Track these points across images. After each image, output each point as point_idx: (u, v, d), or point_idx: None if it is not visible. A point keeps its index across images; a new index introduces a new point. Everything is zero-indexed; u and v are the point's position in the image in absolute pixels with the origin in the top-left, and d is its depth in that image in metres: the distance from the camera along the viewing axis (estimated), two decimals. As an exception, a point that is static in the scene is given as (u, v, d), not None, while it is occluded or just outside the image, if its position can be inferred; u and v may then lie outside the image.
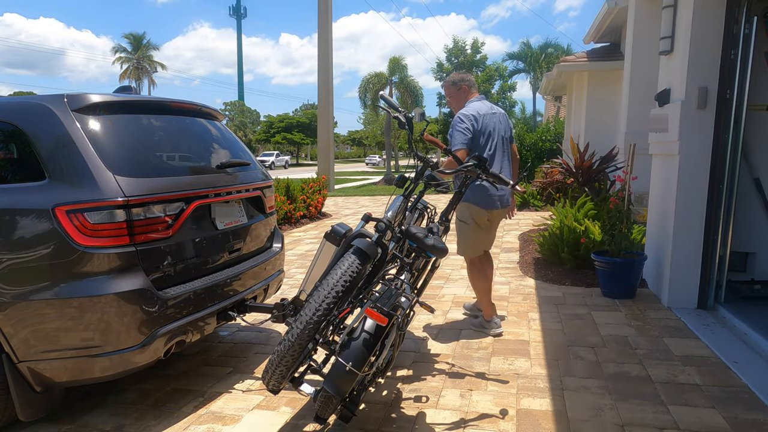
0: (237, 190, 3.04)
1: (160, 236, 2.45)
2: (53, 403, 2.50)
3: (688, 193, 3.85)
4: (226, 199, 2.94)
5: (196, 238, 2.70)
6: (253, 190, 3.20)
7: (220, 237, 2.87)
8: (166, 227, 2.49)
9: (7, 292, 2.24)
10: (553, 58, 31.73)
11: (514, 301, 4.29)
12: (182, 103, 3.07)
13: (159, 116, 2.84)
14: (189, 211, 2.61)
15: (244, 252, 3.10)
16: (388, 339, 2.18)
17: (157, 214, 2.45)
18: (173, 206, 2.54)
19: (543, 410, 2.51)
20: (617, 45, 10.88)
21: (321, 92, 18.08)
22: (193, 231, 2.69)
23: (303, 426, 2.46)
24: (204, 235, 2.76)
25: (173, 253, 2.54)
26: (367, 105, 28.12)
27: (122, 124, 2.59)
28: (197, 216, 2.72)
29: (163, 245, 2.48)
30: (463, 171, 2.88)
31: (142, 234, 2.37)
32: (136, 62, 45.68)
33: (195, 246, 2.69)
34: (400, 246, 2.65)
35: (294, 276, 5.39)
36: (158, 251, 2.45)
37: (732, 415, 2.40)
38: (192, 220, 2.67)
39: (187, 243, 2.64)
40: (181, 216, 2.57)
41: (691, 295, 3.92)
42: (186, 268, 2.63)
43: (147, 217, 2.39)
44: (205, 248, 2.76)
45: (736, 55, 3.62)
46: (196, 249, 2.70)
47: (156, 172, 2.55)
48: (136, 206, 2.33)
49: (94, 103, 2.49)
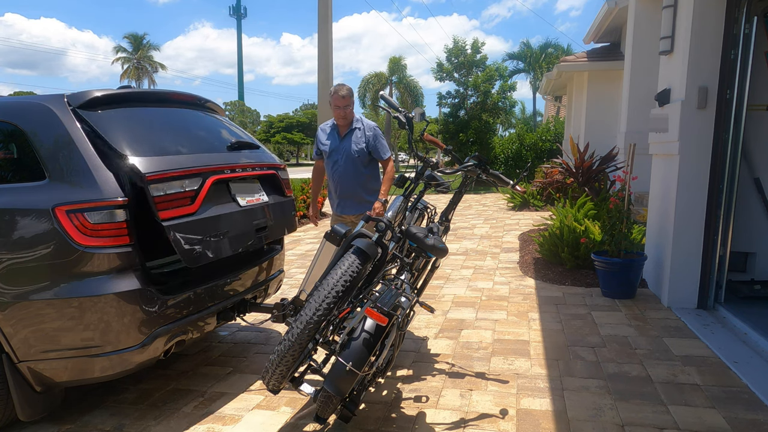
0: (251, 167, 3.04)
1: (185, 212, 2.45)
2: (53, 403, 2.50)
3: (688, 193, 3.85)
4: (241, 176, 2.92)
5: (222, 213, 2.68)
6: (267, 168, 3.20)
7: (245, 214, 2.86)
8: (188, 202, 2.47)
9: (7, 292, 2.24)
10: (553, 58, 31.78)
11: (514, 301, 4.29)
12: (182, 94, 3.12)
13: (161, 107, 2.90)
14: (208, 185, 2.60)
15: (271, 231, 3.06)
16: (388, 339, 2.19)
17: (176, 189, 2.44)
18: (191, 181, 2.53)
19: (543, 410, 2.51)
20: (617, 45, 10.88)
21: (321, 92, 18.05)
22: (218, 207, 2.68)
23: (303, 426, 2.46)
24: (229, 210, 2.74)
25: (203, 229, 2.52)
26: (367, 105, 28.13)
27: (127, 114, 2.63)
28: (217, 193, 2.71)
29: (191, 220, 2.47)
30: (463, 171, 2.89)
31: (166, 210, 2.36)
32: (136, 62, 45.69)
33: (223, 221, 2.67)
34: (400, 246, 2.66)
35: (294, 276, 5.39)
36: (187, 226, 2.44)
37: (732, 415, 2.40)
38: (213, 196, 2.66)
39: (215, 218, 2.62)
40: (201, 191, 2.56)
41: (691, 295, 3.92)
42: (219, 245, 2.61)
43: (167, 192, 2.38)
44: (234, 224, 2.74)
45: (736, 55, 3.62)
46: (225, 224, 2.68)
47: (168, 152, 2.56)
48: (153, 182, 2.32)
49: (96, 97, 2.51)
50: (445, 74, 17.57)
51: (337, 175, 3.65)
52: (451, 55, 17.45)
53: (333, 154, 3.65)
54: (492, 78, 16.96)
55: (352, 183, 3.65)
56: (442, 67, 17.60)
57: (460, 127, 16.82)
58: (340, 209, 3.74)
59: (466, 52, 17.34)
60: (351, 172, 3.64)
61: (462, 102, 17.40)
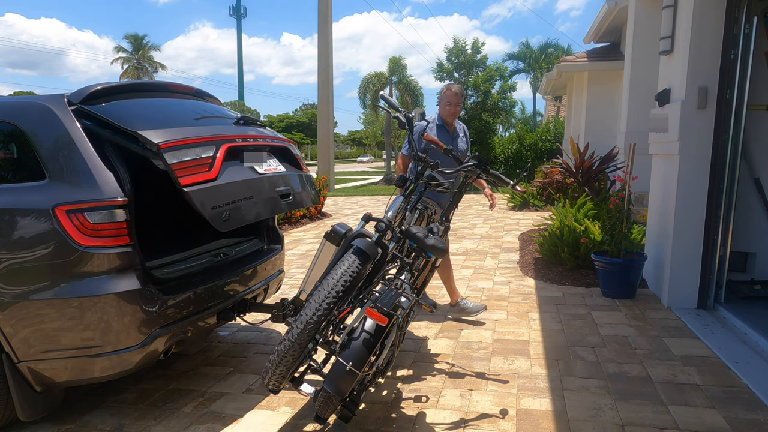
0: (262, 138, 3.02)
1: (205, 178, 2.42)
2: (53, 403, 2.50)
3: (688, 193, 3.85)
4: (254, 145, 2.89)
5: (243, 179, 2.66)
6: (278, 141, 3.18)
7: (265, 181, 2.83)
8: (207, 169, 2.45)
9: (7, 292, 2.24)
10: (553, 58, 31.79)
11: (514, 301, 4.29)
12: (181, 85, 3.16)
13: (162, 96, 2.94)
14: (222, 152, 2.57)
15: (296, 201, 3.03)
16: (388, 339, 2.19)
17: (191, 156, 2.41)
18: (204, 149, 2.50)
19: (543, 410, 2.51)
20: (617, 45, 10.88)
21: (321, 92, 18.08)
22: (237, 173, 2.66)
23: (303, 426, 2.46)
24: (249, 177, 2.72)
25: (227, 194, 2.50)
26: (367, 105, 28.11)
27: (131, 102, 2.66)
28: (234, 162, 2.69)
29: (213, 185, 2.45)
30: (463, 171, 2.88)
31: (186, 176, 2.33)
32: (136, 62, 45.68)
33: (246, 186, 2.65)
34: (400, 246, 2.66)
35: (294, 276, 5.39)
36: (211, 191, 2.42)
37: (732, 415, 2.40)
38: (230, 163, 2.63)
39: (237, 184, 2.60)
40: (217, 157, 2.53)
41: (691, 295, 3.92)
42: (247, 209, 2.59)
43: (183, 159, 2.36)
44: (258, 190, 2.72)
45: (736, 55, 3.62)
46: (249, 189, 2.66)
47: (178, 125, 2.56)
48: (167, 150, 2.30)
49: (98, 90, 2.53)
50: (446, 74, 17.59)
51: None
52: (451, 55, 17.46)
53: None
54: (492, 78, 16.98)
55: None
56: (442, 67, 17.62)
57: (460, 127, 16.81)
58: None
59: (466, 52, 17.35)
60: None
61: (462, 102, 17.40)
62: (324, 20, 17.67)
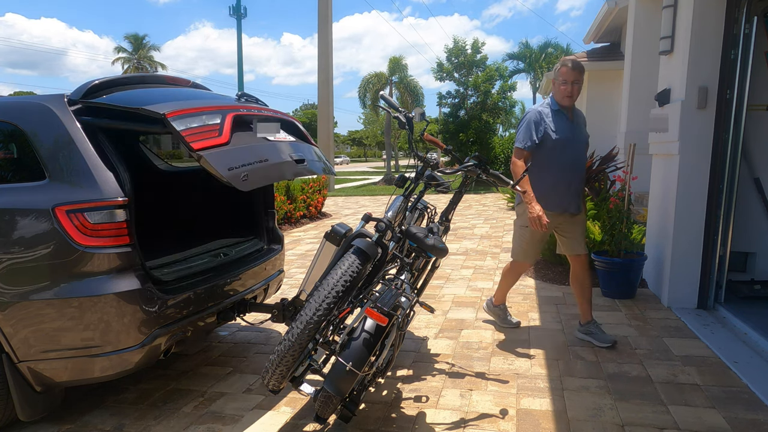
0: (266, 110, 3.01)
1: (216, 142, 2.40)
2: (53, 403, 2.50)
3: (688, 192, 3.85)
4: (261, 115, 2.88)
5: (255, 144, 2.65)
6: (285, 116, 3.16)
7: (278, 145, 2.81)
8: (216, 134, 2.44)
9: (7, 292, 2.24)
10: (553, 58, 31.78)
11: (514, 301, 4.28)
12: (178, 78, 3.19)
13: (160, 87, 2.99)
14: (229, 120, 2.55)
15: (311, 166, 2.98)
16: (388, 339, 2.19)
17: (198, 123, 2.40)
18: (210, 116, 2.49)
19: (543, 410, 2.51)
20: (617, 45, 10.88)
21: (321, 92, 18.08)
22: (249, 139, 2.64)
23: (303, 426, 2.46)
24: (260, 142, 2.71)
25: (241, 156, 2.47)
26: (367, 105, 28.13)
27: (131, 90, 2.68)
28: (243, 130, 2.67)
29: (226, 149, 2.42)
30: (463, 171, 2.88)
31: (197, 141, 2.31)
32: (136, 62, 45.68)
33: (259, 150, 2.63)
34: (400, 246, 2.65)
35: (294, 276, 5.39)
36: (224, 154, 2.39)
37: (732, 415, 2.40)
38: (240, 132, 2.62)
39: (250, 147, 2.59)
40: (225, 123, 2.51)
41: (691, 295, 3.92)
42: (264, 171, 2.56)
43: (190, 126, 2.34)
44: (272, 153, 2.70)
45: (736, 55, 3.62)
46: (262, 153, 2.63)
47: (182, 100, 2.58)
48: (174, 119, 2.29)
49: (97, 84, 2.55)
50: (445, 74, 17.58)
51: (577, 168, 3.22)
52: (451, 55, 17.46)
53: (567, 143, 3.15)
54: (492, 78, 16.97)
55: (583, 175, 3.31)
56: (442, 67, 17.61)
57: (460, 127, 16.83)
58: (562, 206, 3.23)
59: (466, 52, 17.34)
60: (584, 162, 3.29)
61: (462, 102, 17.41)
62: (324, 20, 17.67)
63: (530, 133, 3.14)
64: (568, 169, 3.19)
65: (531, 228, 3.16)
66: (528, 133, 3.16)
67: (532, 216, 3.07)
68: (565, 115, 3.18)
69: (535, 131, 3.14)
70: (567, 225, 3.31)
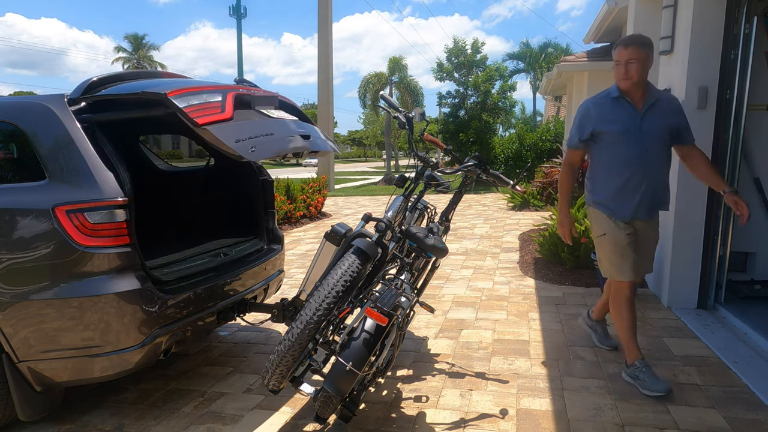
0: (265, 92, 3.01)
1: (220, 118, 2.40)
2: (53, 403, 2.50)
3: (688, 193, 3.85)
4: (262, 96, 2.88)
5: (259, 120, 2.64)
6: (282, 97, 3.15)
7: (282, 121, 2.80)
8: (219, 111, 2.44)
9: (7, 292, 2.25)
10: (553, 58, 31.79)
11: (514, 301, 4.29)
12: (172, 74, 3.19)
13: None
14: (230, 98, 2.56)
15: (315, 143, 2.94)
16: (388, 339, 2.19)
17: (200, 100, 2.41)
18: (210, 95, 2.50)
19: (543, 410, 2.51)
20: (617, 45, 10.87)
21: (321, 92, 18.09)
22: (252, 115, 2.65)
23: (303, 426, 2.46)
24: (264, 118, 2.70)
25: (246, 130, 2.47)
26: (367, 105, 28.14)
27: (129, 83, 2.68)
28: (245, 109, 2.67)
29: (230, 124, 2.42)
30: (463, 171, 2.88)
31: (201, 117, 2.31)
32: (136, 62, 45.70)
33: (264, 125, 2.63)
34: (400, 246, 2.65)
35: (294, 276, 5.39)
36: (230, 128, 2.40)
37: (732, 415, 2.40)
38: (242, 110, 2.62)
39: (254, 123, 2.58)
40: (226, 100, 2.52)
41: (691, 295, 3.92)
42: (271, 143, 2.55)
43: (192, 103, 2.35)
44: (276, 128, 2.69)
45: (736, 55, 3.62)
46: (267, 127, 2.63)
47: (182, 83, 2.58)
48: (175, 97, 2.30)
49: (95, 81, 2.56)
50: (445, 74, 17.58)
51: (646, 163, 2.66)
52: (451, 55, 17.45)
53: (630, 135, 2.65)
54: (492, 78, 16.97)
55: (663, 175, 2.75)
56: (442, 67, 17.60)
57: (460, 127, 16.82)
58: (632, 212, 2.71)
59: (466, 52, 17.34)
60: (663, 159, 2.72)
61: (462, 102, 17.40)
62: (324, 20, 17.67)
63: (577, 129, 2.78)
64: (636, 166, 2.66)
65: (608, 236, 2.73)
66: (575, 129, 2.79)
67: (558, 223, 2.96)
68: (627, 102, 2.67)
69: (584, 126, 2.75)
70: (640, 235, 2.77)
